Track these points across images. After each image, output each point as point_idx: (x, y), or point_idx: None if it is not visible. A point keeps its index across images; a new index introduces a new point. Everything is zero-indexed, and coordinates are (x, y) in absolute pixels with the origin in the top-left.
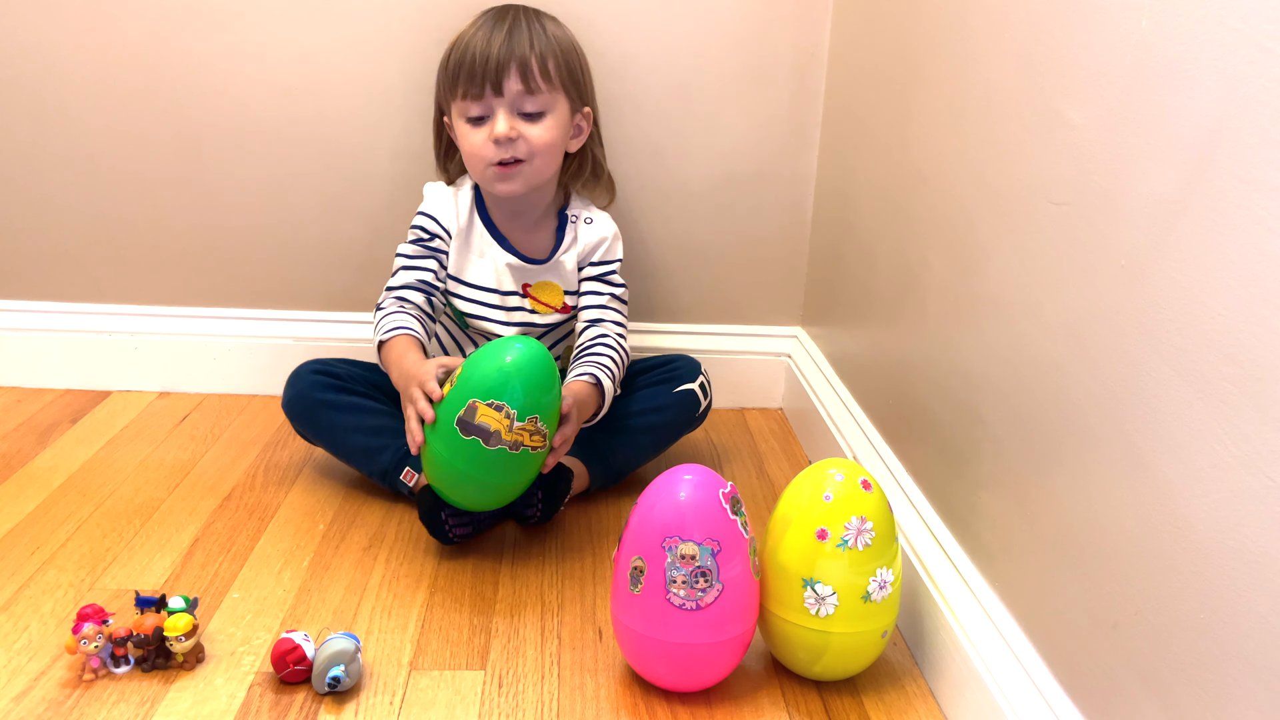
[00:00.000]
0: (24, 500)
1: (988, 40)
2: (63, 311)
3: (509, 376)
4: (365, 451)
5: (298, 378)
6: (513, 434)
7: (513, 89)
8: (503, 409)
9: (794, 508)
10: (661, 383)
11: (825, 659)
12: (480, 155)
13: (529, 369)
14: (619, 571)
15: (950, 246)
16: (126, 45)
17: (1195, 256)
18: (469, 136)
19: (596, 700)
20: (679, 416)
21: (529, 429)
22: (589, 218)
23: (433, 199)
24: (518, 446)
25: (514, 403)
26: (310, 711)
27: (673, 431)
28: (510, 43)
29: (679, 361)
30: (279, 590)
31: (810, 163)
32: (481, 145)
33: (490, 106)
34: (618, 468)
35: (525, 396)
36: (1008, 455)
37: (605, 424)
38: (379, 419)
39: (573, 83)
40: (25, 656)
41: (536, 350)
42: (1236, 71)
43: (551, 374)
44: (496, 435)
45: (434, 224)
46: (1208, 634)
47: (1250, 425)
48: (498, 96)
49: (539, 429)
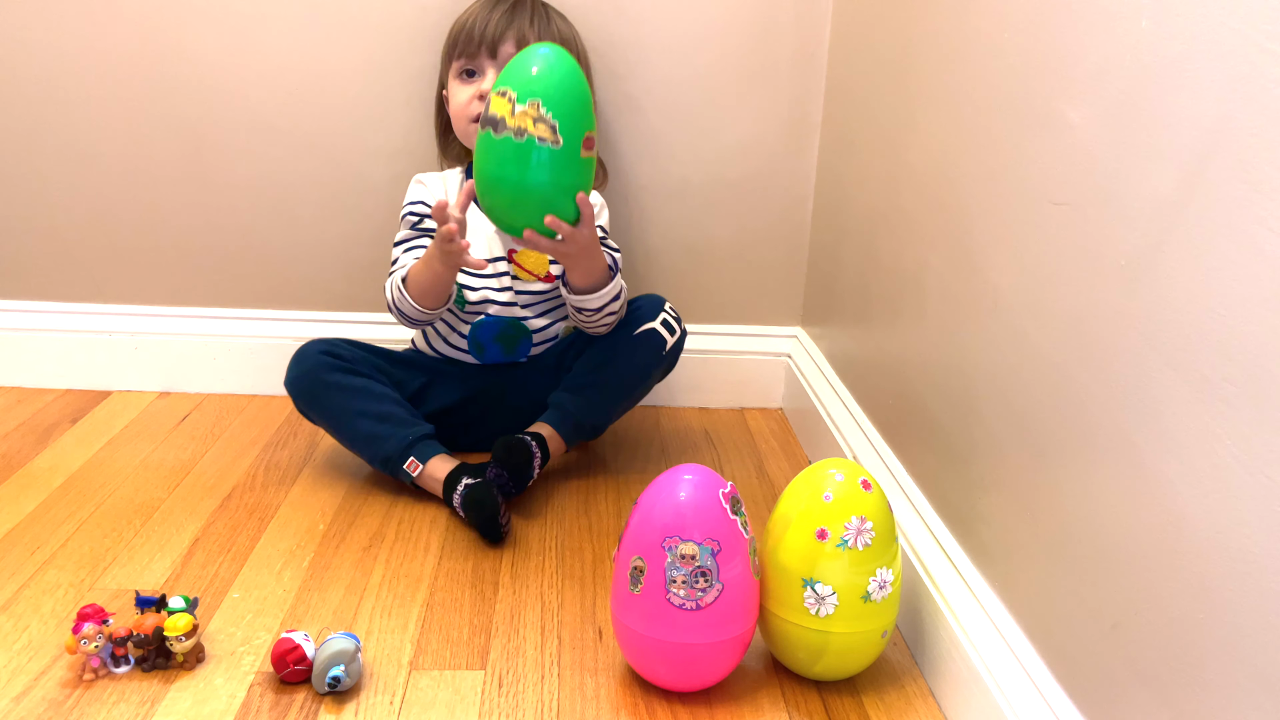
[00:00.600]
0: (24, 500)
1: (988, 40)
2: (63, 311)
3: (516, 62)
4: (369, 438)
5: (304, 357)
6: (516, 120)
7: (506, 52)
8: (506, 94)
9: (794, 508)
10: (621, 327)
11: (825, 659)
12: (466, 112)
13: (534, 56)
14: (619, 571)
15: (950, 246)
16: (126, 45)
17: (1195, 256)
18: (458, 93)
19: (596, 700)
20: (644, 358)
21: (531, 114)
22: None
23: (417, 190)
24: (522, 134)
25: (515, 85)
26: (310, 711)
27: (639, 376)
28: (512, 17)
29: (639, 301)
30: (279, 590)
31: (810, 163)
32: (467, 101)
33: (482, 66)
34: (589, 422)
35: (527, 80)
36: (1008, 455)
37: (568, 380)
38: (385, 405)
39: None
40: (25, 656)
41: (555, 48)
42: (1236, 71)
43: (563, 66)
44: (502, 122)
45: (422, 206)
46: (1208, 634)
47: (1250, 425)
48: (491, 59)
49: (543, 116)
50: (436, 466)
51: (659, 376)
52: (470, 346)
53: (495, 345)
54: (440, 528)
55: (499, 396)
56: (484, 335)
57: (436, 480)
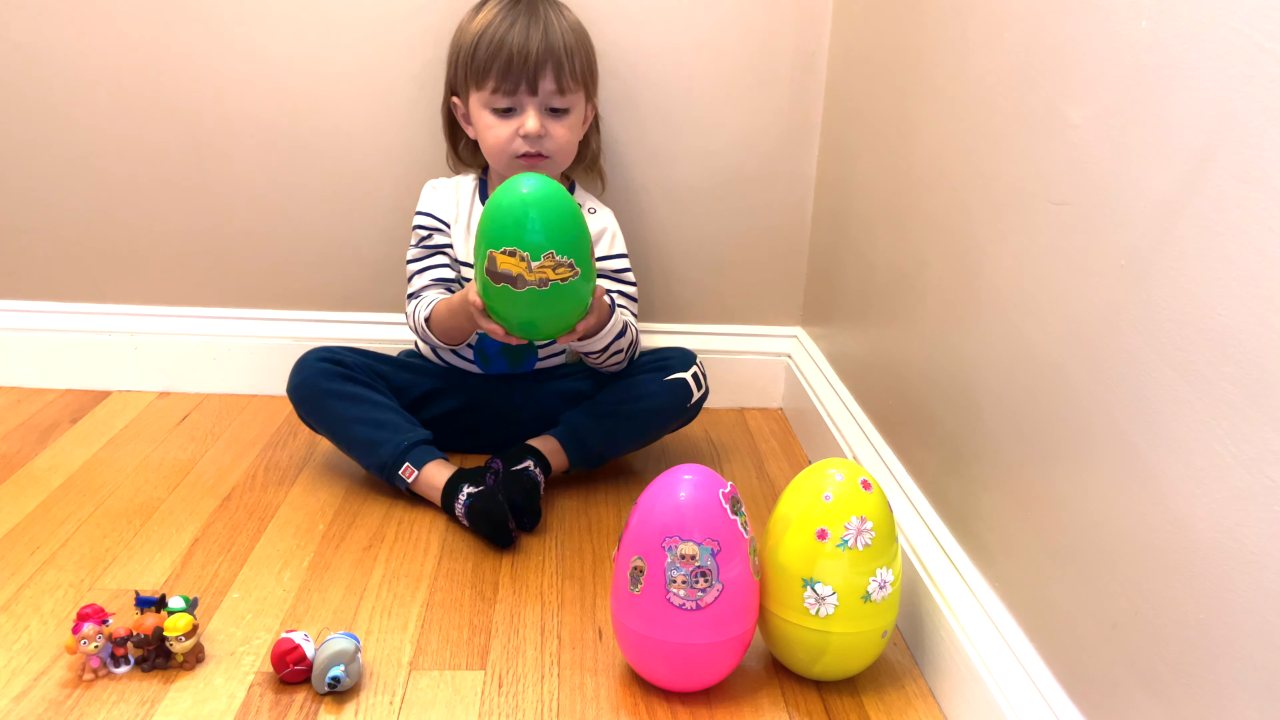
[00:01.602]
0: (24, 500)
1: (988, 40)
2: (63, 311)
3: (509, 224)
4: (367, 444)
5: (304, 365)
6: (535, 274)
7: (546, 89)
8: (515, 254)
9: (794, 508)
10: (652, 371)
11: (825, 659)
12: (506, 149)
13: (527, 208)
14: (619, 571)
15: (950, 246)
16: (127, 45)
17: (1195, 256)
18: (495, 128)
19: (596, 700)
20: (668, 405)
21: (549, 265)
22: (592, 208)
23: (429, 197)
24: (545, 284)
25: (524, 245)
26: (310, 711)
27: (660, 420)
28: (547, 38)
29: (673, 352)
30: (279, 590)
31: (810, 163)
32: (508, 139)
33: (521, 102)
34: (597, 450)
35: (531, 238)
36: (1008, 455)
37: (589, 406)
38: (382, 412)
39: (591, 78)
40: (25, 656)
41: (537, 189)
42: (1236, 71)
43: (553, 204)
44: (520, 278)
45: (430, 219)
46: (1208, 634)
47: (1250, 425)
48: (531, 95)
49: (561, 261)
50: (433, 473)
51: (674, 427)
52: (476, 357)
53: (501, 358)
54: (440, 528)
55: (504, 404)
56: (490, 348)
57: (434, 488)
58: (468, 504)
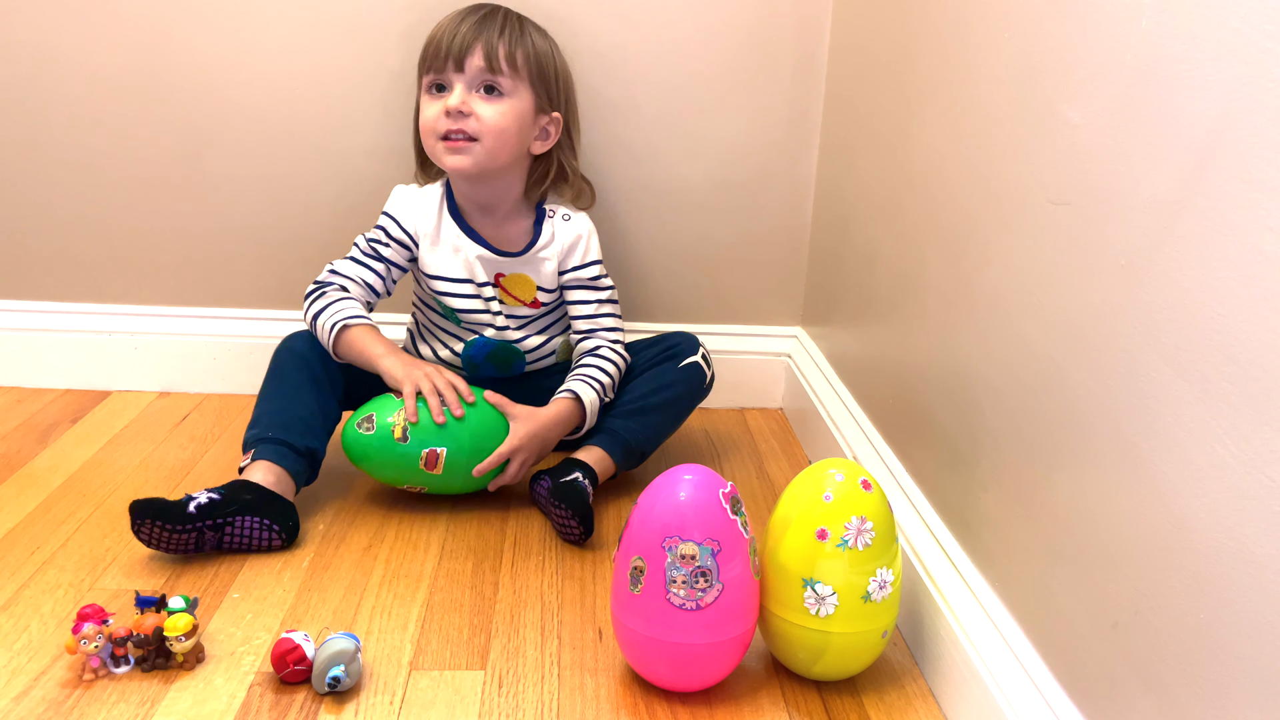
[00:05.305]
0: (24, 500)
1: (988, 40)
2: (63, 311)
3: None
4: (254, 419)
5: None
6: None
7: (474, 65)
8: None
9: (794, 508)
10: (666, 360)
11: (825, 659)
12: (432, 127)
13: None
14: (619, 571)
15: (950, 247)
16: (126, 45)
17: (1195, 256)
18: (426, 108)
19: (596, 700)
20: (689, 389)
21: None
22: (566, 214)
23: (398, 199)
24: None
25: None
26: (310, 711)
27: (687, 405)
28: (481, 28)
29: (677, 338)
30: (279, 590)
31: (810, 163)
32: (434, 117)
33: (450, 80)
34: (640, 448)
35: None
36: (1008, 455)
37: (621, 409)
38: (292, 406)
39: (541, 81)
40: (25, 656)
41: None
42: (1236, 71)
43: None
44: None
45: (396, 227)
46: (1208, 634)
47: (1250, 425)
48: (458, 72)
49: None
50: (258, 471)
51: (692, 408)
52: (464, 364)
53: (488, 364)
54: (440, 528)
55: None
56: (477, 355)
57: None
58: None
